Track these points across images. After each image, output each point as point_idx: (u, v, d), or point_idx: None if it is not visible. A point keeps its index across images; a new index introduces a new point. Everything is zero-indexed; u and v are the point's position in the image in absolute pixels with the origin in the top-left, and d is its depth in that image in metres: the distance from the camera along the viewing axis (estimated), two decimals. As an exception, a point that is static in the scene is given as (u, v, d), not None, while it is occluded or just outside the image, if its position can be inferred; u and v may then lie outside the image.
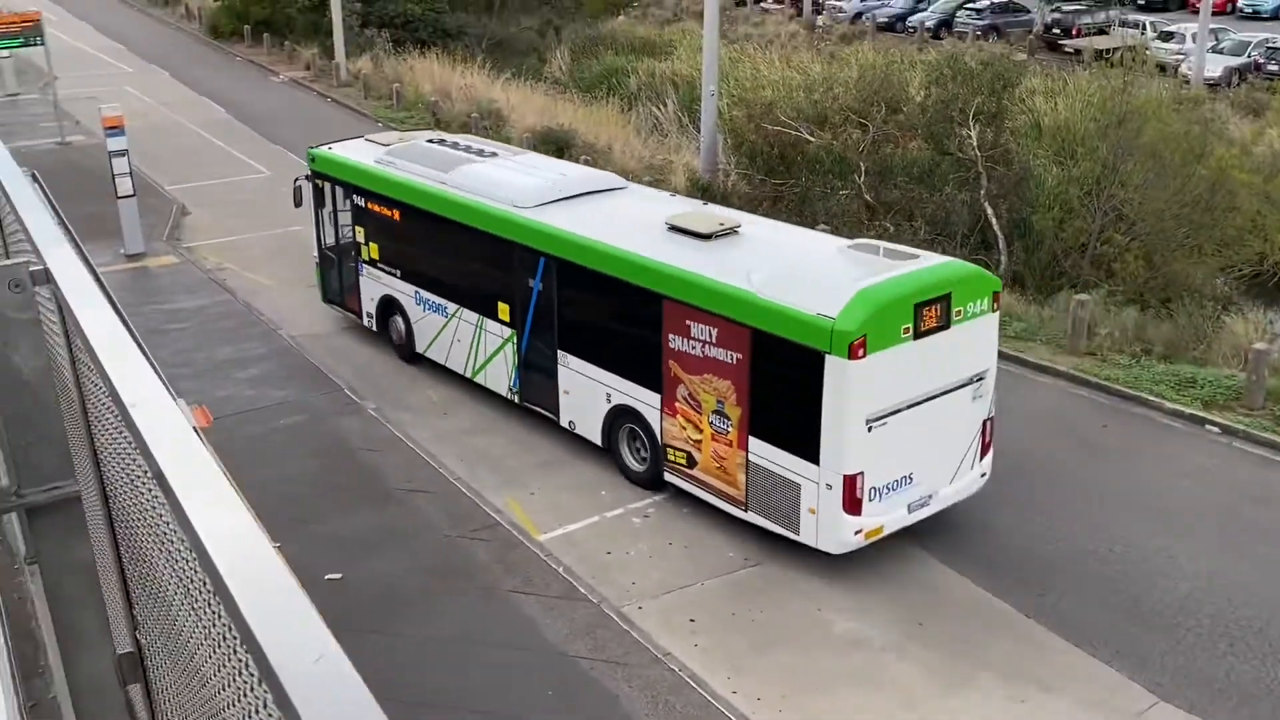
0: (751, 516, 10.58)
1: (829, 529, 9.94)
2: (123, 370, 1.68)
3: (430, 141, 15.41)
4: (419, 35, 39.33)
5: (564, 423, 12.67)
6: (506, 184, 13.10)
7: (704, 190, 20.67)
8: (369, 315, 15.91)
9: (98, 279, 2.13)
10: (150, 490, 1.61)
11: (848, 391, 9.40)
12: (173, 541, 1.51)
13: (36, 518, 2.02)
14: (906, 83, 22.09)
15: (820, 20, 47.12)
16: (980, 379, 10.43)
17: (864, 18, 46.08)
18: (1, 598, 1.90)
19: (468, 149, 14.82)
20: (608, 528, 11.80)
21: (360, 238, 15.43)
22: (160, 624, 1.87)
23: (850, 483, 9.69)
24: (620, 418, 11.78)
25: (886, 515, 10.09)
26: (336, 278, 16.36)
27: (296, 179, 16.58)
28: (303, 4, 39.71)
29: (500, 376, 13.53)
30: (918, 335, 9.71)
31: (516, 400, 13.40)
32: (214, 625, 1.27)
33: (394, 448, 13.64)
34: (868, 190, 20.99)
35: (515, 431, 13.85)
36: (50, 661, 2.39)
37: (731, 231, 11.36)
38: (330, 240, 16.20)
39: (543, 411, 13.04)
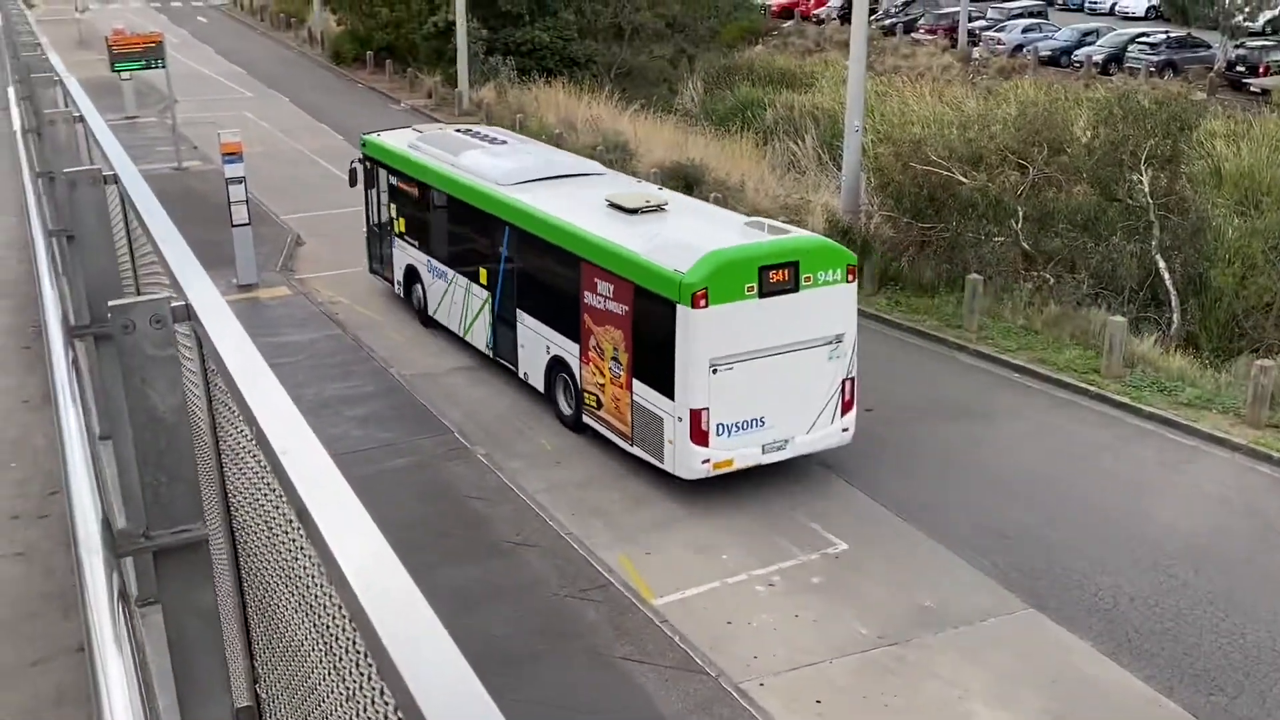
0: (635, 450, 13.75)
1: (682, 457, 13.10)
2: (266, 409, 1.78)
3: (457, 130, 19.50)
4: (545, 64, 40.59)
5: (520, 374, 16.27)
6: (493, 166, 16.82)
7: (844, 233, 20.53)
8: (398, 283, 19.91)
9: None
10: (289, 536, 1.68)
11: (693, 336, 12.58)
12: (310, 589, 1.57)
13: (162, 560, 2.14)
14: (1071, 122, 21.66)
15: (976, 53, 46.53)
16: (837, 341, 13.36)
17: (1025, 51, 45.28)
18: (123, 642, 2.00)
19: (482, 137, 18.82)
20: (729, 595, 11.72)
21: (393, 214, 19.54)
22: (285, 678, 1.94)
23: (696, 416, 12.86)
24: (555, 368, 15.19)
25: (736, 451, 13.11)
26: (379, 250, 20.50)
27: (352, 161, 21.07)
28: (427, 30, 41.51)
29: (481, 334, 17.29)
30: (763, 294, 12.76)
31: (491, 355, 17.15)
32: (357, 682, 1.31)
33: (503, 497, 13.88)
34: (1025, 237, 20.51)
35: (631, 486, 13.96)
36: (160, 707, 2.50)
37: (657, 209, 14.73)
38: (375, 218, 20.32)
39: (506, 364, 16.71)
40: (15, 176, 11.78)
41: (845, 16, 53.73)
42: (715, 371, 13.05)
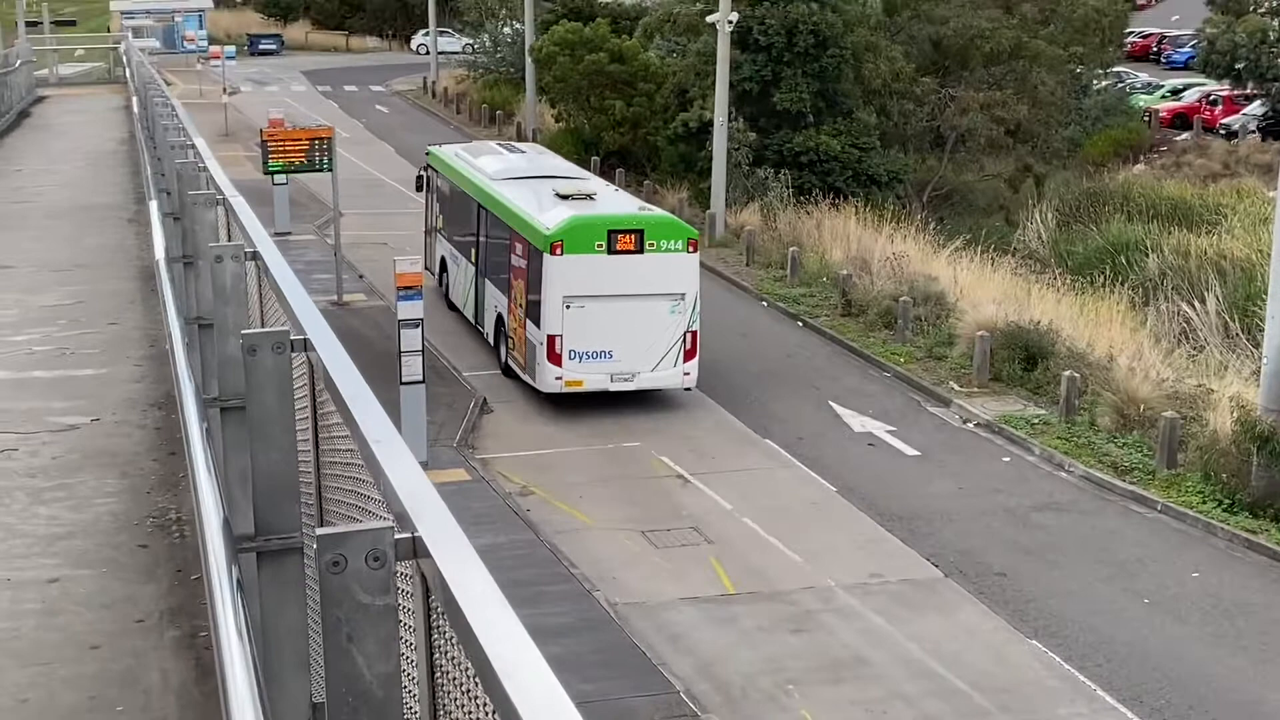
0: (526, 377, 25.90)
1: (540, 374, 25.14)
2: (372, 426, 2.97)
3: (499, 144, 34.20)
4: (832, 181, 42.78)
5: (485, 334, 28.89)
6: (492, 164, 30.05)
7: (1264, 440, 20.65)
8: (434, 274, 32.26)
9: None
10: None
11: (551, 277, 24.16)
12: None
13: (264, 563, 3.34)
14: None
15: None
16: (678, 299, 25.01)
17: None
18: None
19: (510, 148, 33.55)
20: None
21: (436, 212, 33.06)
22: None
23: (551, 340, 24.60)
24: (498, 324, 27.58)
25: (586, 375, 24.96)
26: (429, 248, 33.54)
27: (419, 170, 34.58)
28: (674, 130, 44.70)
29: (471, 307, 29.86)
30: (611, 252, 24.57)
31: (472, 321, 29.65)
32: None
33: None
34: None
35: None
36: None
37: (587, 198, 27.24)
38: (428, 221, 33.96)
39: (477, 326, 29.20)
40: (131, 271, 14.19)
41: (1271, 129, 53.62)
42: (569, 307, 24.99)
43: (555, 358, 25.13)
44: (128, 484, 7.87)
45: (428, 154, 34.30)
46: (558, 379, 25.25)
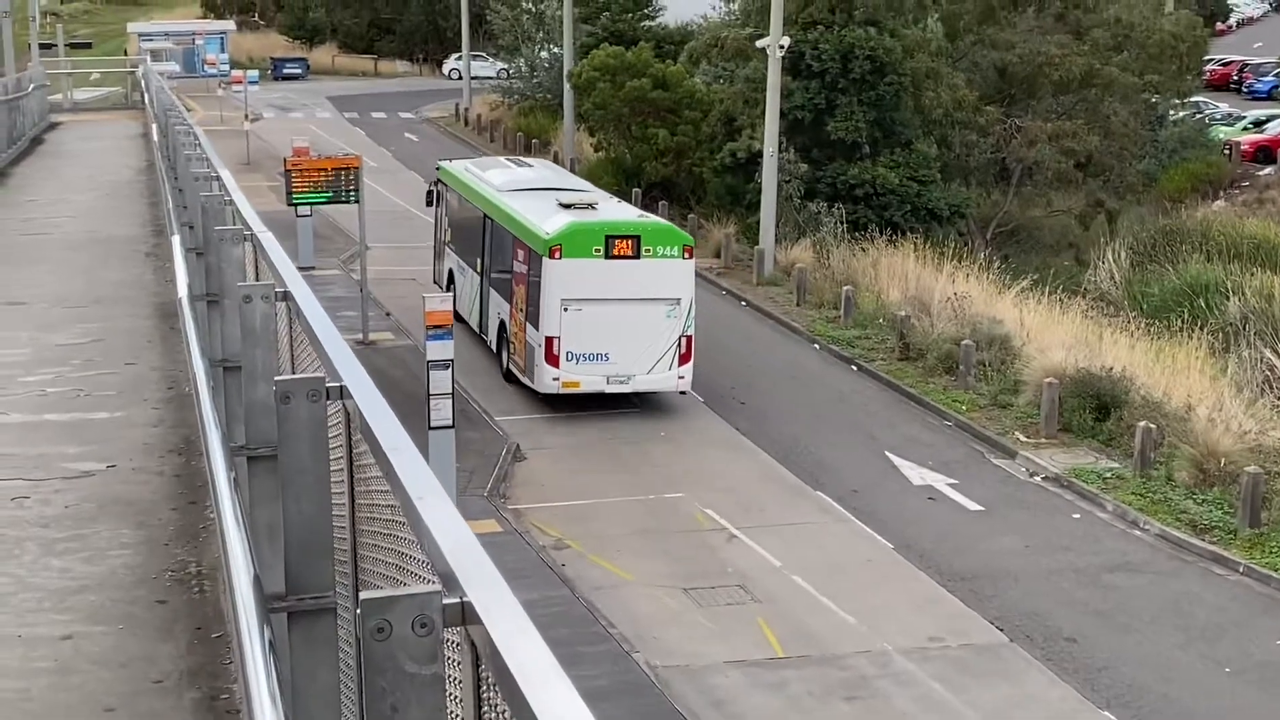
0: (526, 380, 28.14)
1: (538, 374, 27.71)
2: (414, 480, 3.00)
3: (507, 159, 37.11)
4: (889, 216, 42.82)
5: (489, 342, 31.33)
6: (499, 176, 32.66)
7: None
8: (442, 287, 34.59)
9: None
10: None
11: (549, 280, 26.79)
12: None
13: (295, 624, 3.36)
14: None
15: None
16: (674, 304, 27.23)
17: None
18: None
19: (519, 163, 36.25)
20: None
21: (445, 226, 35.49)
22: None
23: (549, 342, 27.10)
24: (500, 330, 30.14)
25: (583, 376, 27.35)
26: (438, 262, 36.49)
27: (430, 185, 37.16)
28: (722, 161, 44.89)
29: (476, 316, 32.27)
30: (608, 256, 27.09)
31: (477, 330, 32.13)
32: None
33: None
34: None
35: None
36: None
37: (589, 207, 29.57)
38: (437, 235, 36.63)
39: (482, 335, 31.62)
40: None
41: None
42: (566, 310, 27.52)
43: (553, 359, 27.92)
44: (145, 535, 7.93)
45: (438, 169, 37.47)
46: (555, 379, 28.02)
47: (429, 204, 37.54)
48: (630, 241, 27.99)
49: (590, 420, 27.89)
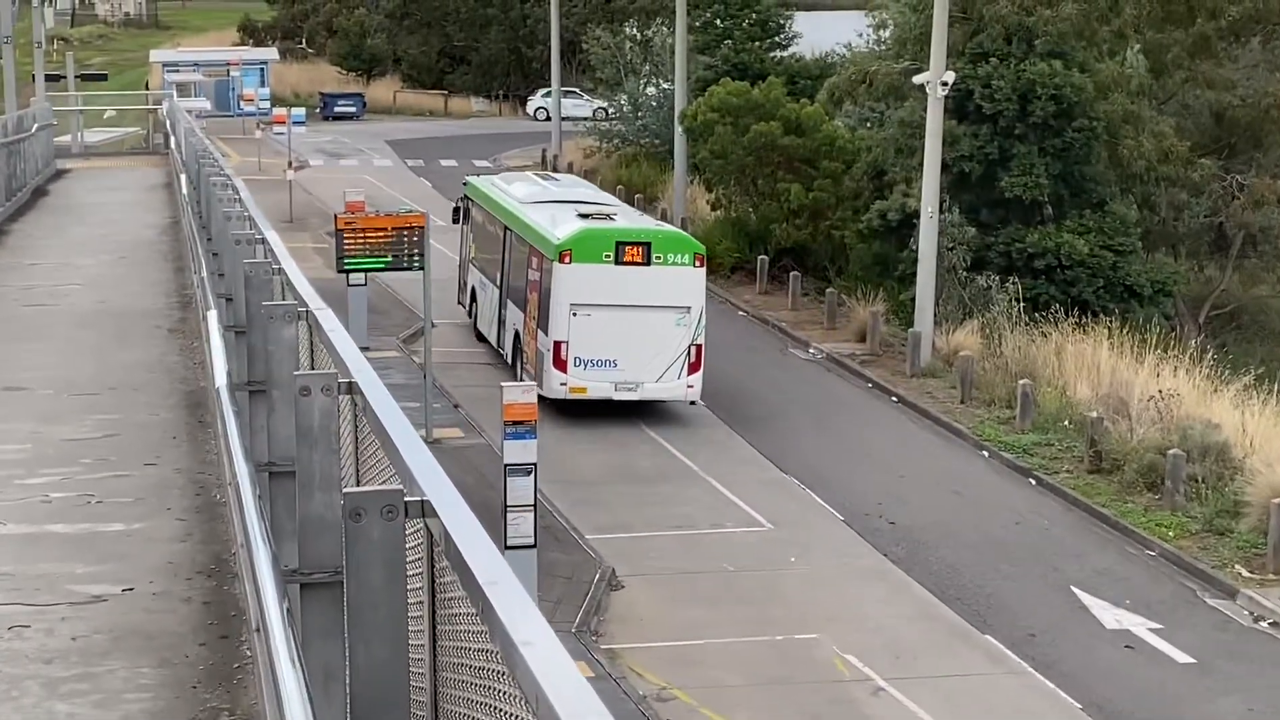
0: (535, 385, 28.01)
1: (546, 379, 32.97)
2: (518, 622, 3.04)
3: (536, 174, 44.90)
4: (1077, 293, 42.53)
5: (504, 355, 37.45)
6: (523, 189, 38.85)
7: None
8: (465, 306, 41.39)
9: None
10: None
11: (559, 284, 33.03)
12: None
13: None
14: None
15: None
16: (684, 311, 33.07)
17: None
18: None
19: (545, 177, 43.95)
20: None
21: (469, 242, 41.40)
22: None
23: (558, 346, 33.10)
24: (515, 341, 36.18)
25: (590, 383, 33.31)
26: (462, 280, 42.00)
27: (456, 201, 42.53)
28: (868, 222, 44.89)
29: (494, 330, 38.08)
30: (619, 262, 33.03)
31: (494, 345, 38.31)
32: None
33: None
34: None
35: None
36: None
37: (606, 217, 35.74)
38: (461, 252, 42.76)
39: (498, 349, 37.79)
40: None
41: None
42: (575, 314, 32.41)
43: (561, 363, 33.11)
44: (169, 675, 8.04)
45: (465, 184, 43.54)
46: (562, 384, 33.15)
47: (454, 221, 43.43)
48: (641, 248, 33.46)
49: (700, 541, 27.86)
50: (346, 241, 32.35)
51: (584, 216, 35.11)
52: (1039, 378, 36.24)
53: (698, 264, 33.75)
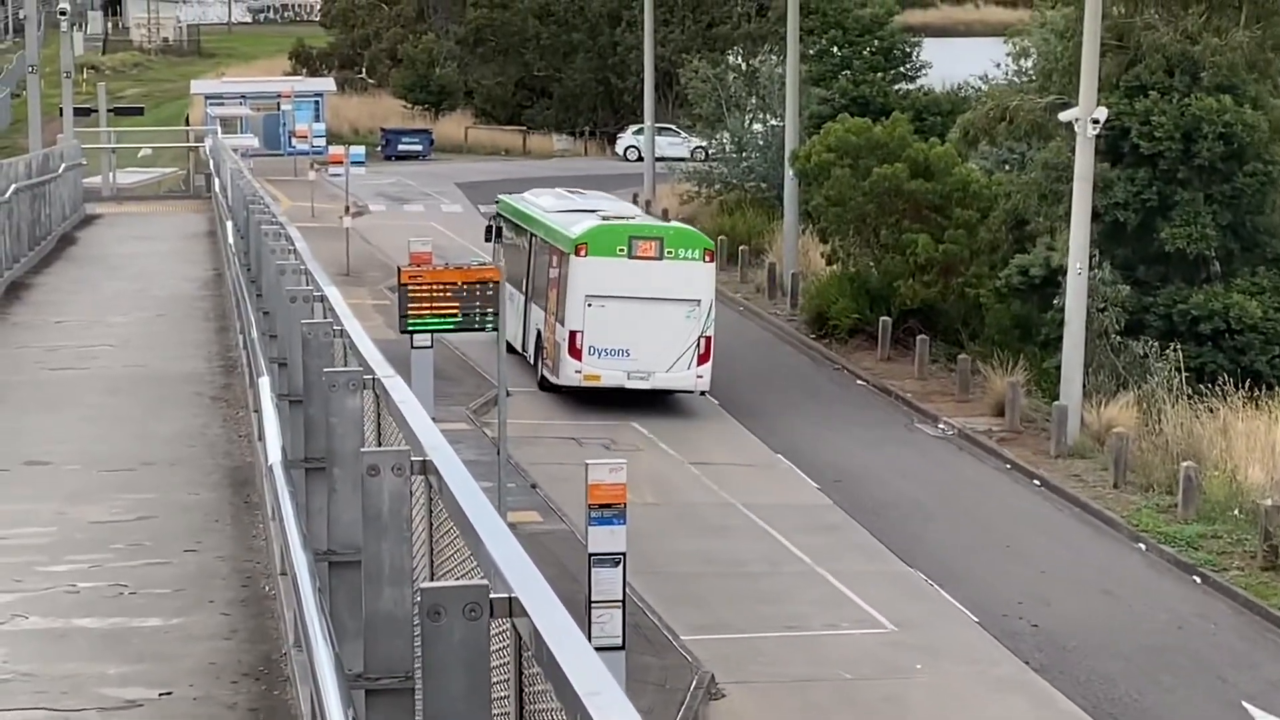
0: (552, 376, 42.26)
1: (562, 367, 41.44)
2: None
3: (566, 190, 51.66)
4: (1249, 362, 42.13)
5: (526, 356, 44.91)
6: (549, 200, 47.69)
7: None
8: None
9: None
10: None
11: (575, 276, 40.73)
12: None
13: None
14: None
15: None
16: (694, 304, 40.33)
17: None
18: None
19: (575, 192, 51.13)
20: None
21: (500, 257, 45.31)
22: None
23: (573, 336, 40.79)
24: (537, 339, 44.40)
25: (604, 371, 40.57)
26: None
27: (490, 219, 50.95)
28: (1008, 279, 44.62)
29: (519, 335, 44.42)
30: (632, 256, 40.49)
31: (520, 350, 44.56)
32: None
33: None
34: None
35: None
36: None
37: (624, 219, 45.15)
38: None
39: (522, 353, 44.69)
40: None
41: None
42: (590, 305, 39.41)
43: (576, 352, 39.62)
44: (212, 793, 8.07)
45: (498, 201, 50.65)
46: (577, 372, 39.72)
47: (487, 239, 50.03)
48: (653, 243, 40.22)
49: (813, 644, 27.70)
50: (411, 298, 32.39)
51: (603, 218, 42.60)
52: (1205, 459, 35.88)
53: (707, 259, 40.57)
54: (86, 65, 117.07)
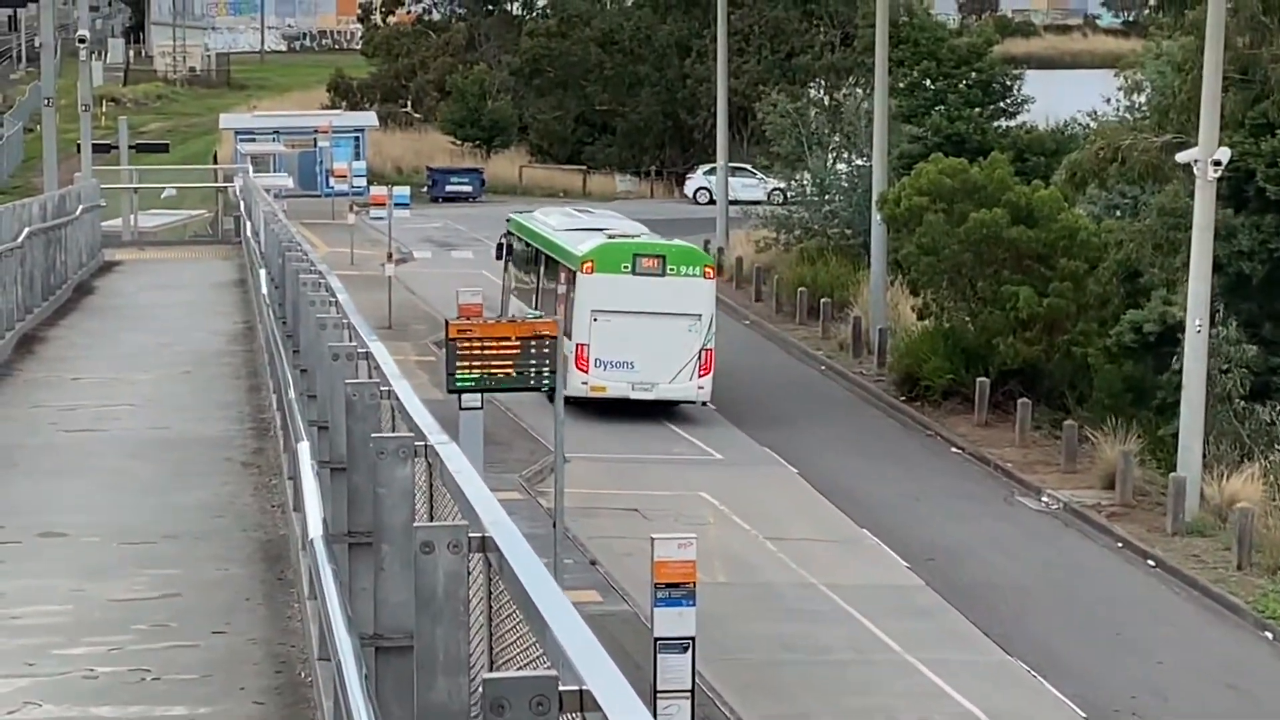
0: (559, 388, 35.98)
1: (570, 379, 41.99)
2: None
3: (574, 209, 63.16)
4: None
5: None
6: (557, 218, 56.14)
7: None
8: None
9: None
10: None
11: (582, 292, 46.99)
12: None
13: None
14: None
15: None
16: (695, 319, 47.41)
17: None
18: None
19: (580, 210, 63.47)
20: None
21: (509, 273, 56.77)
22: None
23: (580, 348, 47.12)
24: None
25: (609, 382, 47.72)
26: (503, 310, 53.08)
27: (500, 237, 57.23)
28: (1119, 337, 44.37)
29: None
30: (636, 273, 48.04)
31: None
32: None
33: None
34: None
35: None
36: None
37: (629, 237, 53.54)
38: (506, 283, 58.07)
39: None
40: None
41: None
42: (596, 319, 46.17)
43: (583, 364, 44.95)
44: None
45: (508, 220, 57.28)
46: (583, 384, 44.56)
47: (498, 257, 56.76)
48: (656, 260, 46.85)
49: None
50: (459, 354, 32.40)
51: (609, 236, 49.21)
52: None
53: (708, 276, 47.52)
54: (106, 97, 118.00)
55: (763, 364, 55.94)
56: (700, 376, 46.01)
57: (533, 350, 32.61)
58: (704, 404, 46.93)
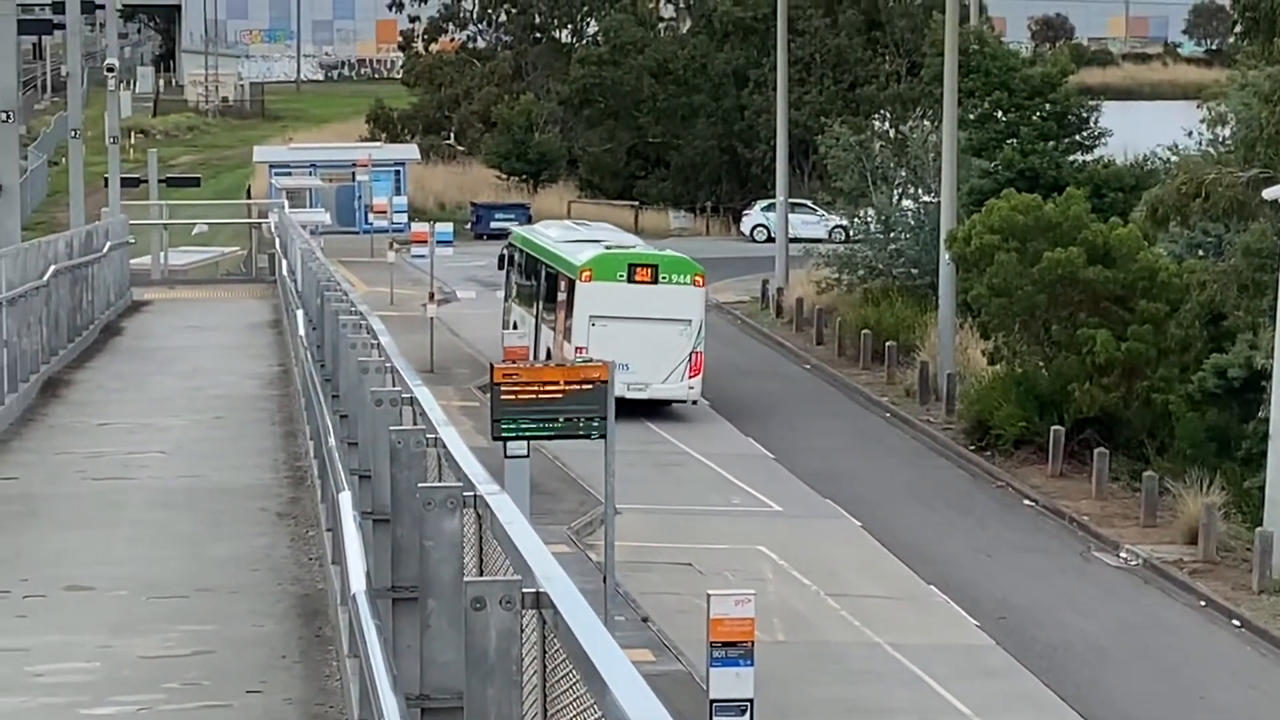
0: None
1: None
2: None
3: (573, 222, 77.29)
4: None
5: None
6: (556, 231, 67.20)
7: None
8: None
9: None
10: None
11: (581, 299, 56.88)
12: None
13: None
14: None
15: None
16: (685, 323, 55.86)
17: None
18: None
19: (579, 223, 75.30)
20: None
21: (511, 283, 66.48)
22: None
23: (578, 352, 53.43)
24: (548, 356, 59.55)
25: None
26: (506, 317, 65.70)
27: (503, 249, 67.87)
28: (1202, 383, 44.15)
29: (531, 353, 57.60)
30: (630, 281, 57.16)
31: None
32: None
33: None
34: None
35: None
36: None
37: (625, 249, 66.49)
38: (509, 292, 69.19)
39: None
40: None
41: None
42: (594, 325, 53.98)
43: None
44: None
45: (510, 234, 66.03)
46: None
47: (500, 267, 64.23)
48: (650, 269, 54.03)
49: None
50: (505, 399, 32.44)
51: (606, 247, 56.16)
52: None
53: (697, 284, 54.61)
54: (135, 129, 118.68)
55: (824, 411, 55.95)
56: (690, 377, 52.76)
57: (581, 396, 32.60)
58: (694, 403, 53.56)
